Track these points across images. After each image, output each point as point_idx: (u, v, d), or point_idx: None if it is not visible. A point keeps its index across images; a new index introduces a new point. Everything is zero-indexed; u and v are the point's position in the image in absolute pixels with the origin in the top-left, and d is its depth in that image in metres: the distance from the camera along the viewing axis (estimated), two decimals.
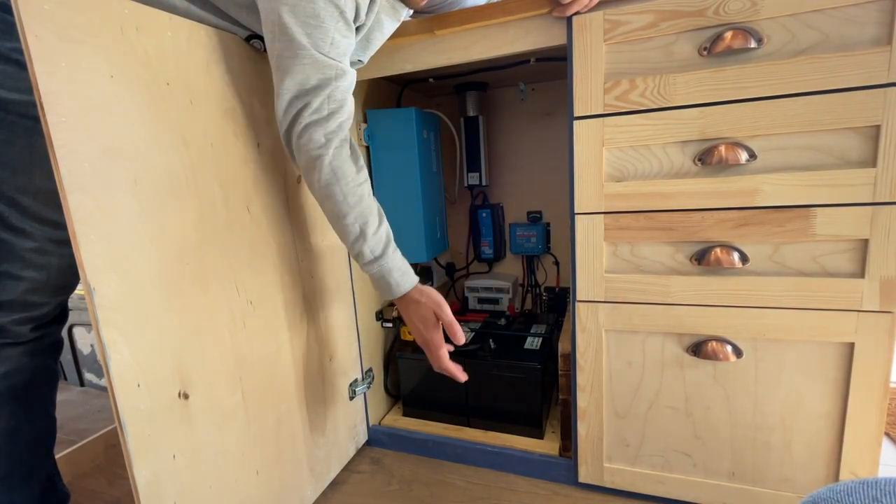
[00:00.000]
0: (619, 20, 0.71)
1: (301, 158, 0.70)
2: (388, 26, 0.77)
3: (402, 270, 0.76)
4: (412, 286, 0.77)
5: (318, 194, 0.72)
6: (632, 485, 0.87)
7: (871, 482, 0.33)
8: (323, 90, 0.66)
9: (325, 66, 0.65)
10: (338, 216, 0.72)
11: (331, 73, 0.66)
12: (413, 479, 0.99)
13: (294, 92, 0.65)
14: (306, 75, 0.65)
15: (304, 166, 0.70)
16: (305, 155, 0.69)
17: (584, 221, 0.79)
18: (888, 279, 0.66)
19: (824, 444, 0.74)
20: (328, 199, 0.71)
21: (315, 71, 0.65)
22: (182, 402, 0.62)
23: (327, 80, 0.66)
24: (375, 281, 0.77)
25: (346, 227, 0.72)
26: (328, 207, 0.72)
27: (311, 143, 0.68)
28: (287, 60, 0.64)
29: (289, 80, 0.65)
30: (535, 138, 1.28)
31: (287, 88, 0.65)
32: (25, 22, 0.45)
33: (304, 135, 0.67)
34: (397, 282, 0.76)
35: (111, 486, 1.04)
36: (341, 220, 0.72)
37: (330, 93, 0.67)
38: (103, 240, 0.52)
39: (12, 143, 0.64)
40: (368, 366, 1.08)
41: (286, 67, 0.65)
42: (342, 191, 0.70)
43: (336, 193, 0.70)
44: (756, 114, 0.68)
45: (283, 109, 0.67)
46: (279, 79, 0.66)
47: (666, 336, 0.79)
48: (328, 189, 0.70)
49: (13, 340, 0.71)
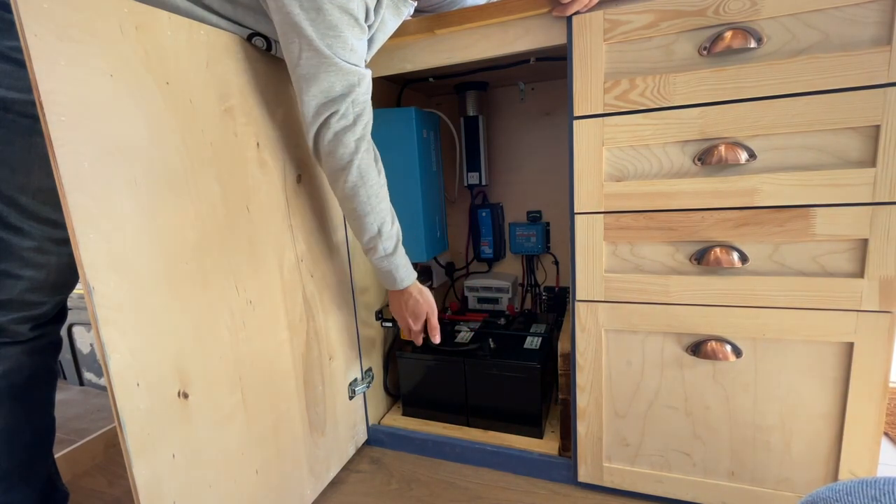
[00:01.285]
0: (620, 20, 0.71)
1: (330, 163, 0.74)
2: (391, 25, 0.77)
3: (407, 267, 0.85)
4: (412, 282, 0.87)
5: (342, 195, 0.77)
6: (631, 484, 0.87)
7: (871, 482, 0.33)
8: (348, 96, 0.69)
9: (348, 72, 0.68)
10: (360, 215, 0.77)
11: (354, 80, 0.69)
12: (412, 478, 0.99)
13: (320, 99, 0.68)
14: (331, 83, 0.67)
15: (332, 170, 0.74)
16: (336, 161, 0.73)
17: (584, 221, 0.79)
18: (887, 279, 0.66)
19: (823, 443, 0.74)
20: (352, 200, 0.76)
21: (339, 78, 0.67)
22: (181, 402, 0.62)
23: (351, 87, 0.69)
24: (382, 274, 0.84)
25: (365, 226, 0.78)
26: (350, 206, 0.77)
27: (342, 149, 0.71)
28: (311, 70, 0.66)
29: (314, 88, 0.67)
30: (535, 138, 1.28)
31: (313, 96, 0.68)
32: (24, 20, 0.45)
33: (335, 141, 0.71)
34: (402, 277, 0.85)
35: (111, 486, 1.04)
36: (362, 219, 0.77)
37: (354, 98, 0.70)
38: (103, 239, 0.52)
39: (11, 142, 0.64)
40: (368, 365, 1.08)
41: (311, 76, 0.67)
42: (367, 193, 0.75)
43: (361, 195, 0.75)
44: (756, 113, 0.68)
45: (310, 116, 0.70)
46: (304, 88, 0.68)
47: (665, 336, 0.79)
48: (354, 191, 0.75)
49: (12, 339, 0.71)
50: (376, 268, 0.84)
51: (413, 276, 0.87)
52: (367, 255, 0.83)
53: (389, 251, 0.81)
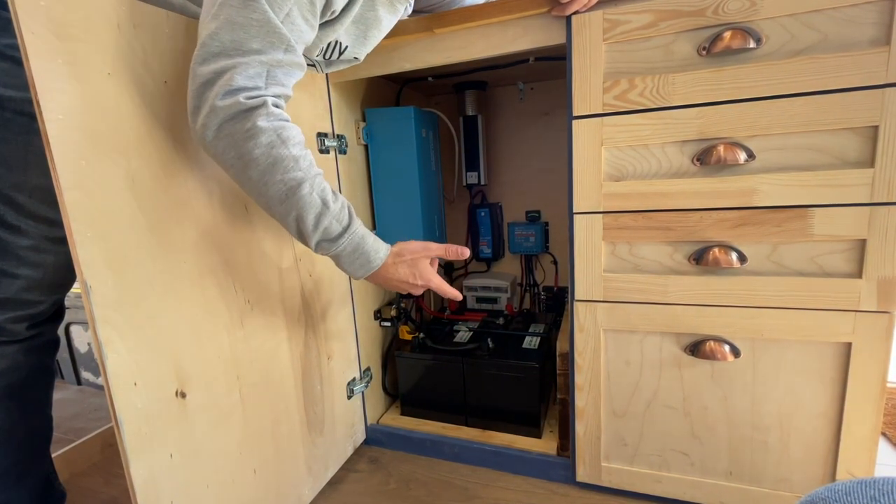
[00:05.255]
0: (619, 19, 0.71)
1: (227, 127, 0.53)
2: (387, 22, 0.76)
3: (372, 234, 0.66)
4: (388, 248, 0.68)
5: (256, 171, 0.56)
6: (629, 484, 0.87)
7: (869, 482, 0.33)
8: (261, 56, 0.53)
9: (273, 31, 0.53)
10: (291, 189, 0.57)
11: (278, 44, 0.54)
12: (411, 478, 0.99)
13: (226, 45, 0.52)
14: (248, 33, 0.52)
15: (231, 135, 0.54)
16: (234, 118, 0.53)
17: (583, 221, 0.79)
18: (886, 279, 0.66)
19: (821, 443, 0.74)
20: (274, 169, 0.55)
21: (260, 31, 0.52)
22: (179, 401, 0.62)
23: (269, 48, 0.53)
24: (348, 257, 0.64)
25: (302, 200, 0.57)
26: (274, 180, 0.56)
27: (242, 101, 0.53)
28: (231, 9, 0.52)
29: (225, 33, 0.51)
30: (534, 137, 1.28)
31: (218, 38, 0.51)
32: (22, 18, 0.45)
33: (230, 98, 0.52)
34: (374, 247, 0.65)
35: (108, 485, 1.03)
36: (296, 193, 0.57)
37: (269, 69, 0.54)
38: (100, 238, 0.52)
39: (8, 141, 0.63)
40: (366, 365, 1.08)
41: (225, 16, 0.51)
42: (292, 154, 0.56)
43: (285, 157, 0.56)
44: (755, 114, 0.68)
45: (200, 62, 0.52)
46: (211, 27, 0.52)
47: (664, 336, 0.79)
48: (273, 154, 0.55)
49: (9, 338, 0.70)
50: (337, 259, 0.65)
51: (386, 244, 0.68)
52: (320, 250, 0.64)
53: (345, 223, 0.62)
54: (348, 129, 0.99)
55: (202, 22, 0.54)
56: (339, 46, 0.72)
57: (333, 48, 0.72)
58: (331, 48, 0.71)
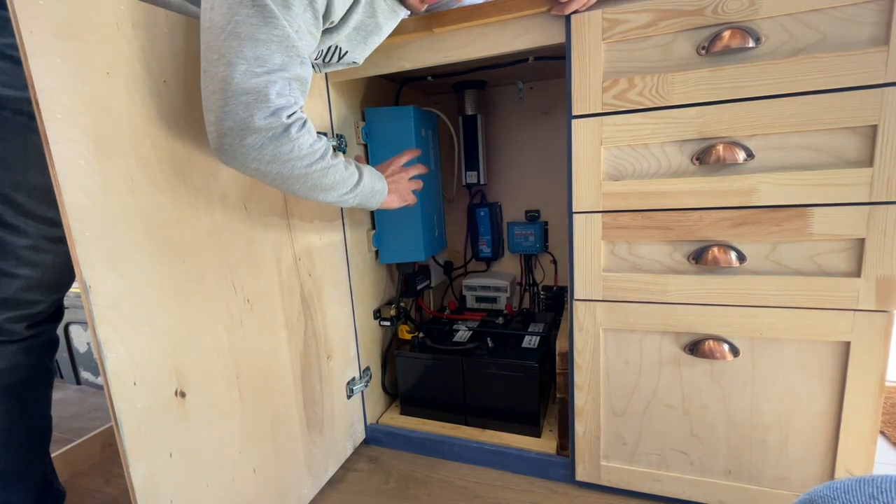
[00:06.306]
0: (618, 19, 0.71)
1: (271, 147, 0.58)
2: (387, 28, 0.76)
3: (369, 174, 0.76)
4: (383, 180, 0.80)
5: (304, 186, 0.64)
6: (629, 483, 0.87)
7: (868, 480, 0.33)
8: (284, 72, 0.56)
9: (292, 46, 0.56)
10: (331, 188, 0.67)
11: (295, 58, 0.57)
12: (410, 477, 0.99)
13: (252, 64, 0.54)
14: (270, 49, 0.54)
15: (276, 155, 0.59)
16: (278, 138, 0.57)
17: (582, 220, 0.79)
18: (884, 278, 0.66)
19: (820, 442, 0.74)
20: (319, 186, 0.65)
21: (281, 47, 0.55)
22: (179, 401, 0.62)
23: (290, 63, 0.56)
24: (367, 196, 0.75)
25: (340, 199, 0.70)
26: (322, 186, 0.66)
27: (284, 120, 0.57)
28: (251, 28, 0.53)
29: (248, 49, 0.53)
30: (534, 137, 1.28)
31: (244, 58, 0.54)
32: (20, 17, 0.45)
33: (274, 119, 0.56)
34: (379, 189, 0.78)
35: (107, 485, 1.03)
36: (334, 192, 0.68)
37: (291, 82, 0.58)
38: (99, 237, 0.52)
39: (7, 140, 0.63)
40: (366, 364, 1.08)
41: (248, 35, 0.53)
42: (332, 164, 0.66)
43: (326, 168, 0.65)
44: (754, 113, 0.68)
45: (231, 81, 0.54)
46: (235, 47, 0.53)
47: (663, 335, 0.79)
48: (315, 168, 0.63)
49: (8, 338, 0.70)
50: (362, 201, 0.75)
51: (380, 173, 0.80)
52: (355, 202, 0.74)
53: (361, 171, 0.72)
54: (348, 129, 0.99)
55: (215, 34, 0.54)
56: (338, 51, 0.72)
57: (333, 53, 0.72)
58: (331, 52, 0.72)
